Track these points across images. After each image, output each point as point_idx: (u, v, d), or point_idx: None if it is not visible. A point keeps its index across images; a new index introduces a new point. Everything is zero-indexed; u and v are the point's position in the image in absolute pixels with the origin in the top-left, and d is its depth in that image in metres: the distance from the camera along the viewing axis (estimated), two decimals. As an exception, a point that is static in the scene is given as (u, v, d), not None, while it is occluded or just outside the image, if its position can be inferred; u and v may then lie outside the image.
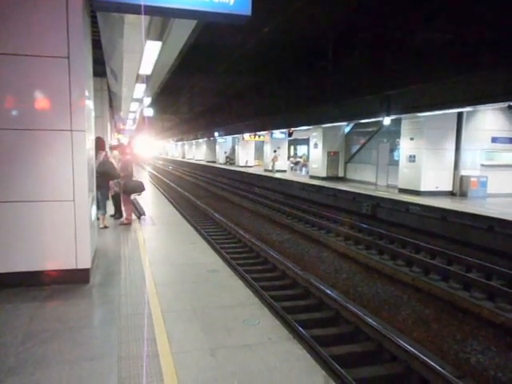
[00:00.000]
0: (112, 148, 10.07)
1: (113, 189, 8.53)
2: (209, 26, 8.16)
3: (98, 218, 8.11)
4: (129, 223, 8.73)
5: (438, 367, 4.40)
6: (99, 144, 8.24)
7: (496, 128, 15.39)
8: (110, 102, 18.25)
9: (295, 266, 8.19)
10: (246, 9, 3.85)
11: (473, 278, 7.51)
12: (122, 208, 9.08)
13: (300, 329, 5.35)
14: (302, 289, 7.08)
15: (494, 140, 15.42)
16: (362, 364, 4.76)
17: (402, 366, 4.69)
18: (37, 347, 3.45)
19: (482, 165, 15.33)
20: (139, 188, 9.31)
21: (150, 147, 67.54)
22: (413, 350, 4.74)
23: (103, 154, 8.21)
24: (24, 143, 4.63)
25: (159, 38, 6.03)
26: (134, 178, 9.41)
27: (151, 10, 3.89)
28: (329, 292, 6.58)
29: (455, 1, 9.57)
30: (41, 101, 4.64)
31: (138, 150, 66.61)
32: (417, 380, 4.51)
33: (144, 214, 9.69)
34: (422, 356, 4.61)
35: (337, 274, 8.42)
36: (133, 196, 10.88)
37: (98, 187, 8.09)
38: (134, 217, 9.49)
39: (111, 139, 19.21)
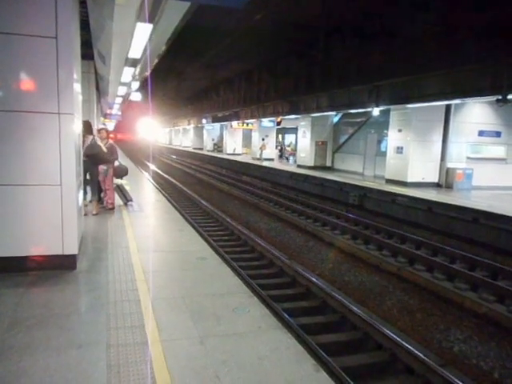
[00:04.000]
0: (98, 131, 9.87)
1: (101, 174, 8.38)
2: (200, 10, 8.00)
3: (86, 205, 7.99)
4: (113, 208, 8.63)
5: (421, 355, 4.49)
6: (87, 127, 8.09)
7: (483, 121, 15.58)
8: (97, 85, 17.89)
9: (282, 254, 8.21)
10: (242, -7, 3.75)
11: (457, 269, 7.65)
12: (104, 193, 8.93)
13: (287, 317, 5.38)
14: (289, 277, 7.11)
15: (481, 133, 15.63)
16: (347, 352, 4.83)
17: (387, 354, 4.77)
18: (23, 334, 3.40)
19: (468, 157, 15.54)
20: (125, 172, 9.32)
21: (138, 132, 66.63)
22: (397, 338, 4.82)
23: (91, 137, 8.05)
24: (10, 125, 4.50)
25: (150, 20, 5.89)
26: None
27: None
28: (315, 281, 6.63)
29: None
30: (27, 82, 4.50)
31: (123, 136, 65.78)
32: (401, 368, 4.59)
33: (131, 200, 9.58)
34: (406, 344, 4.69)
35: (323, 263, 8.48)
36: (119, 181, 10.76)
37: (88, 172, 7.95)
38: (120, 202, 9.39)
39: (98, 123, 18.89)
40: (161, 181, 19.72)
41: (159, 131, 66.95)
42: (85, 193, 7.97)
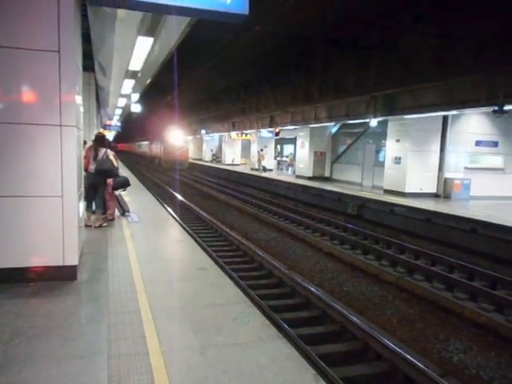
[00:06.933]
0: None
1: (110, 186, 8.28)
2: (200, 24, 8.12)
3: (88, 216, 7.97)
4: (113, 219, 8.63)
5: (421, 366, 4.50)
6: (99, 140, 8.05)
7: (480, 131, 15.70)
8: (97, 96, 18.02)
9: (281, 264, 8.23)
10: (243, 8, 3.82)
11: (455, 279, 7.67)
12: (107, 204, 8.89)
13: (286, 327, 5.39)
14: (289, 288, 7.12)
15: (478, 143, 15.74)
16: (347, 363, 4.84)
17: (386, 364, 4.77)
18: (24, 344, 3.40)
19: (466, 167, 15.63)
20: (126, 183, 9.26)
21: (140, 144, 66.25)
22: (397, 348, 4.83)
23: (103, 150, 7.92)
24: (12, 138, 4.54)
25: (151, 33, 5.99)
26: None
27: (147, 7, 3.85)
28: (314, 291, 6.64)
29: (442, 5, 9.73)
30: (30, 94, 4.56)
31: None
32: (401, 378, 4.59)
33: (128, 211, 9.59)
34: (406, 355, 4.70)
35: (322, 273, 8.50)
36: (118, 192, 10.77)
37: (97, 185, 7.90)
38: (117, 213, 9.39)
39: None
40: (159, 190, 19.74)
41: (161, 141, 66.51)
42: (87, 205, 7.95)
